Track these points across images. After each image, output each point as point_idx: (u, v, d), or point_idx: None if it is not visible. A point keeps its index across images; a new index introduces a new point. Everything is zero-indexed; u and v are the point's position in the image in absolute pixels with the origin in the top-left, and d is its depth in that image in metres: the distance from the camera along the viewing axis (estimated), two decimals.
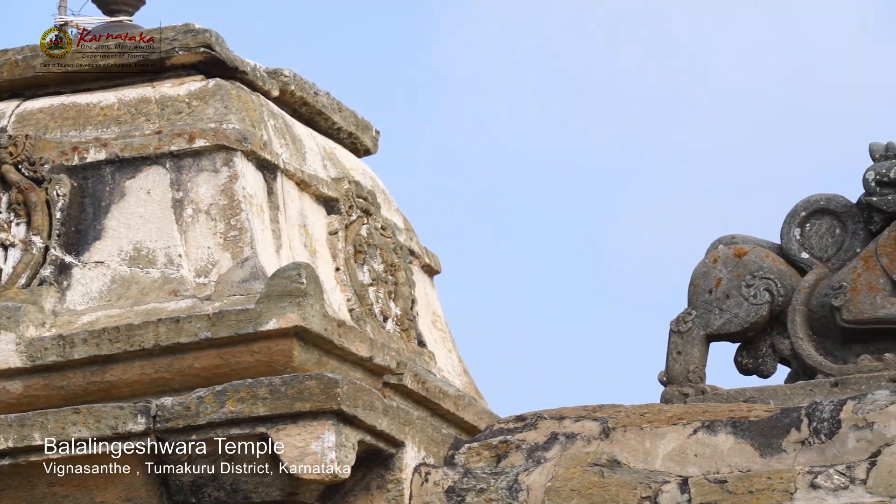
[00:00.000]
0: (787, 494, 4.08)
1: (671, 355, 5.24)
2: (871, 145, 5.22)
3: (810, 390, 4.92)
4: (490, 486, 4.47)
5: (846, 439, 4.17)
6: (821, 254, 5.29)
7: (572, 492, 4.32)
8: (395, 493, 4.60)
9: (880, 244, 5.09)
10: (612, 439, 4.49)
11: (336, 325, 4.65)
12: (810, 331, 5.14)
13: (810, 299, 5.15)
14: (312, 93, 5.51)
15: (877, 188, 5.12)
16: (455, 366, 5.67)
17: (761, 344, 5.26)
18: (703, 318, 5.24)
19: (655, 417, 4.54)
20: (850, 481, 4.04)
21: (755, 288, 5.16)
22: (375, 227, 5.38)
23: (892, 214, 5.11)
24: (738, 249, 5.31)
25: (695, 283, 5.34)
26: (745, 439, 4.32)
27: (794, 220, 5.32)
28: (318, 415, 4.34)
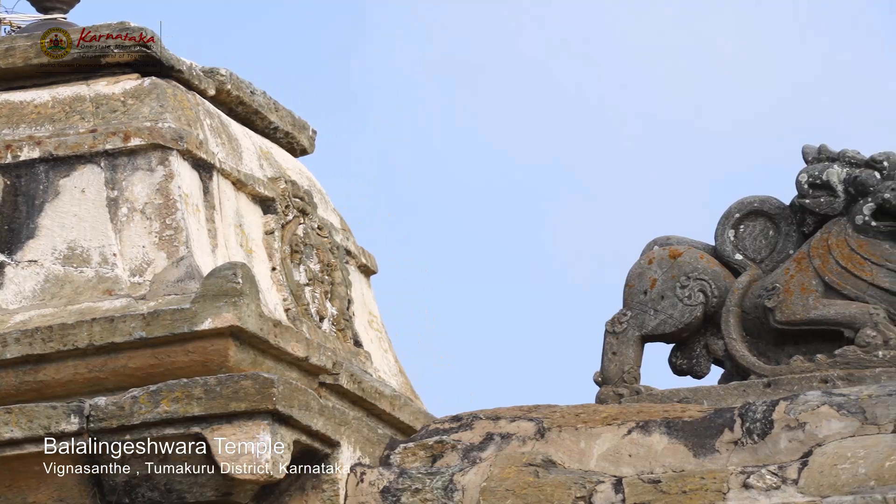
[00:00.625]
0: (720, 494, 4.11)
1: (606, 356, 5.26)
2: (804, 148, 5.26)
3: (743, 391, 4.94)
4: (425, 486, 4.48)
5: (778, 439, 4.20)
6: (754, 255, 5.33)
7: (507, 492, 4.33)
8: (330, 494, 4.59)
9: (813, 246, 5.13)
10: (548, 439, 4.50)
11: (272, 325, 4.63)
12: (744, 332, 5.17)
13: (744, 300, 5.19)
14: (249, 92, 5.49)
15: (809, 190, 5.16)
16: (391, 366, 5.67)
17: (695, 345, 5.29)
18: (637, 319, 5.26)
19: (590, 418, 4.56)
20: (781, 481, 4.07)
21: (689, 289, 5.19)
22: (312, 227, 5.36)
23: (824, 216, 5.16)
24: (672, 251, 5.34)
25: (630, 283, 5.36)
26: (678, 439, 4.35)
27: (728, 221, 5.35)
28: (254, 415, 4.33)
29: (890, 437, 4.05)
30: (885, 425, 4.12)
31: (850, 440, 4.11)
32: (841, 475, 4.00)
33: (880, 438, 4.07)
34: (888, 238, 5.02)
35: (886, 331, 4.85)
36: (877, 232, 5.02)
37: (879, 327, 4.86)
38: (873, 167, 5.08)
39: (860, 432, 4.13)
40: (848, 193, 5.10)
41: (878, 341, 4.83)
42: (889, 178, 5.04)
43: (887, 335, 4.84)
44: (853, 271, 5.00)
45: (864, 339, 4.84)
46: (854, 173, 5.09)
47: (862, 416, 4.16)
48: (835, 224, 5.12)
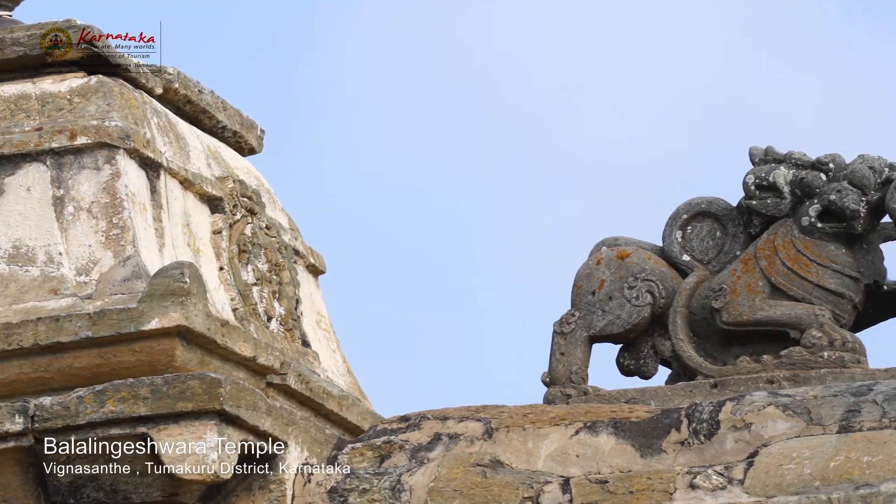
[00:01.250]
0: (667, 495, 4.12)
1: (554, 356, 5.26)
2: (751, 149, 5.29)
3: (690, 391, 4.96)
4: (373, 486, 4.47)
5: (725, 440, 4.22)
6: (702, 256, 5.35)
7: (455, 492, 4.32)
8: (277, 494, 4.58)
9: (759, 247, 5.16)
10: (496, 440, 4.50)
11: (219, 325, 4.61)
12: (691, 332, 5.19)
13: (691, 301, 5.21)
14: (197, 91, 5.46)
15: (756, 192, 5.18)
16: (339, 366, 5.65)
17: (643, 345, 5.30)
18: (585, 320, 5.27)
19: (538, 418, 4.56)
20: (727, 481, 4.09)
21: (637, 290, 5.21)
22: (260, 227, 5.34)
23: (770, 218, 5.19)
24: (620, 251, 5.35)
25: (578, 284, 5.37)
26: (626, 440, 4.36)
27: (676, 222, 5.37)
28: (201, 415, 4.31)
29: (835, 437, 4.08)
30: (829, 426, 4.14)
31: (795, 440, 4.14)
32: (786, 475, 4.03)
33: (825, 439, 4.10)
34: (834, 239, 5.06)
35: (832, 332, 4.88)
36: (822, 233, 5.05)
37: (825, 328, 4.89)
38: (819, 169, 5.12)
39: (805, 433, 4.15)
40: (794, 195, 5.13)
41: (824, 342, 4.86)
42: (835, 179, 5.07)
43: (832, 336, 4.87)
44: (799, 272, 5.03)
45: (810, 339, 4.87)
46: (800, 175, 5.12)
47: (807, 417, 4.19)
48: (781, 225, 5.15)
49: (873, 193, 5.05)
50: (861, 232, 5.07)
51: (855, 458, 3.97)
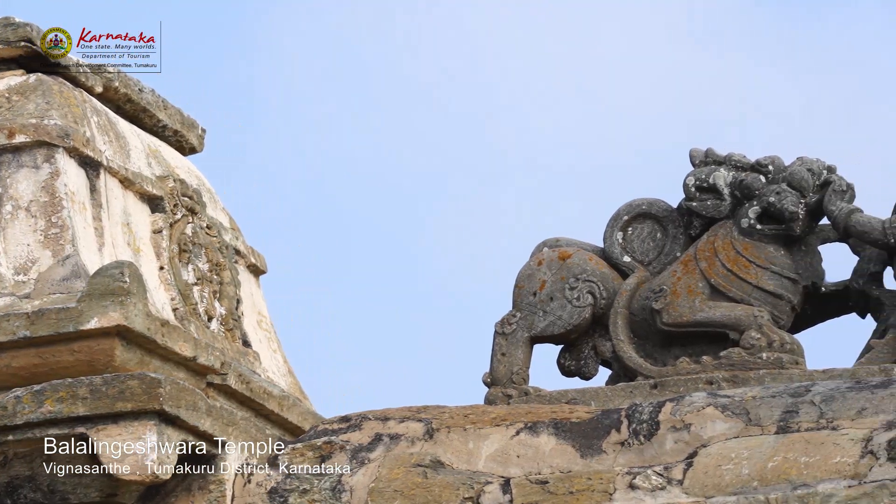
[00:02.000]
0: (607, 495, 4.14)
1: (495, 357, 5.27)
2: (692, 151, 5.32)
3: (630, 392, 4.99)
4: (313, 486, 4.46)
5: (664, 440, 4.24)
6: (642, 257, 5.38)
7: (395, 492, 4.32)
8: (216, 495, 4.56)
9: (699, 248, 5.19)
10: (436, 440, 4.50)
11: (159, 325, 4.59)
12: (631, 333, 5.21)
13: (632, 302, 5.23)
14: (137, 90, 5.43)
15: (696, 193, 5.22)
16: (280, 366, 5.64)
17: (583, 346, 5.32)
18: (527, 320, 5.28)
19: (479, 419, 4.56)
20: (667, 482, 4.11)
21: (578, 290, 5.22)
22: (201, 226, 5.31)
23: (710, 219, 5.22)
24: (562, 252, 5.37)
25: (519, 285, 5.38)
26: (566, 440, 4.36)
27: (617, 223, 5.40)
28: (140, 415, 4.28)
29: (773, 437, 4.10)
30: (768, 426, 4.16)
31: (734, 441, 4.16)
32: (725, 476, 4.04)
33: (763, 439, 4.12)
34: (773, 241, 5.10)
35: (770, 333, 4.92)
36: (762, 235, 5.09)
37: (763, 329, 4.92)
38: (759, 171, 5.15)
39: (744, 433, 4.17)
40: (734, 197, 5.17)
41: (762, 343, 4.89)
42: (774, 181, 5.11)
43: (771, 337, 4.90)
44: (738, 274, 5.06)
45: (749, 341, 4.91)
46: (740, 177, 5.16)
47: (746, 418, 4.21)
48: (721, 227, 5.18)
49: (812, 195, 5.09)
50: (800, 234, 5.11)
51: (793, 458, 4.00)
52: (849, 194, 5.12)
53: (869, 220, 4.97)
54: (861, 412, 4.10)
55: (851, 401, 4.16)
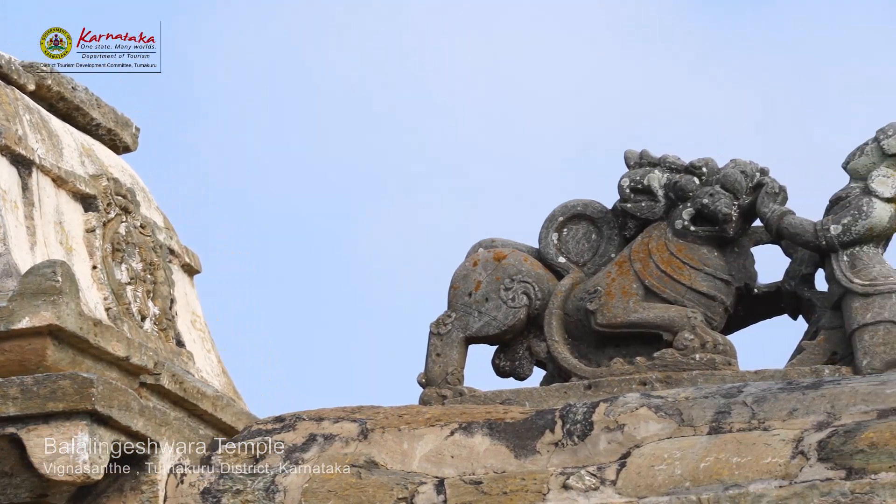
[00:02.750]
0: (540, 495, 4.14)
1: (430, 357, 5.27)
2: (626, 153, 5.34)
3: (565, 393, 4.99)
4: (247, 487, 4.44)
5: (598, 441, 4.25)
6: (577, 258, 5.39)
7: (329, 493, 4.31)
8: (149, 495, 4.53)
9: (634, 249, 5.21)
10: (371, 440, 4.49)
11: (92, 324, 4.55)
12: (566, 334, 5.22)
13: (566, 303, 5.24)
14: (70, 88, 5.38)
15: (631, 195, 5.24)
16: (214, 366, 5.61)
17: (518, 346, 5.33)
18: (462, 321, 5.28)
19: (413, 419, 4.56)
20: (600, 482, 4.12)
21: (513, 291, 5.23)
22: (134, 226, 5.27)
23: (645, 220, 5.25)
24: (497, 253, 5.37)
25: (455, 285, 5.38)
26: (500, 441, 4.37)
27: (552, 224, 5.41)
28: (72, 415, 4.25)
29: (705, 438, 4.13)
30: (700, 427, 4.19)
31: (667, 441, 4.18)
32: (657, 476, 4.06)
33: (696, 440, 4.14)
34: (706, 243, 5.13)
35: (703, 334, 4.95)
36: (695, 237, 5.11)
37: (697, 331, 4.95)
38: (693, 173, 5.18)
39: (677, 434, 4.20)
40: (668, 198, 5.19)
41: (696, 344, 4.92)
42: (707, 183, 5.14)
43: (704, 338, 4.93)
44: (672, 275, 5.09)
45: (682, 342, 4.93)
46: (674, 179, 5.18)
47: (679, 418, 4.23)
48: (655, 228, 5.21)
49: (745, 197, 5.13)
50: (733, 235, 5.14)
51: (725, 458, 4.03)
52: (781, 196, 5.16)
53: (801, 222, 5.01)
54: (792, 413, 4.14)
55: (783, 402, 4.19)
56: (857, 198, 4.94)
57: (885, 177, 4.91)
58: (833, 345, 4.95)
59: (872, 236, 4.89)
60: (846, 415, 4.06)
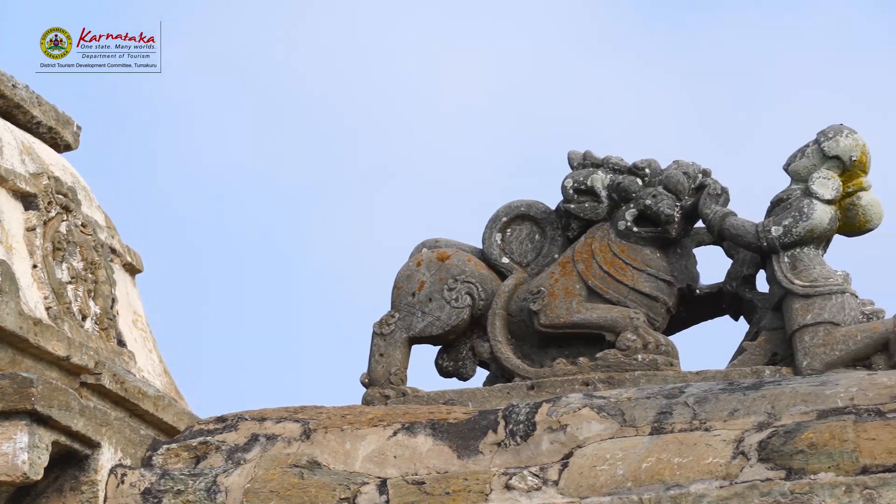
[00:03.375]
0: (483, 495, 4.14)
1: (374, 357, 5.26)
2: (570, 154, 5.35)
3: (508, 393, 5.00)
4: (188, 487, 4.41)
5: (541, 441, 4.26)
6: (521, 259, 5.40)
7: (271, 493, 4.29)
8: (89, 496, 4.51)
9: (577, 250, 5.22)
10: (313, 441, 4.48)
11: (32, 324, 4.52)
12: (509, 334, 5.23)
13: (510, 303, 5.25)
14: (10, 85, 5.33)
15: (574, 195, 5.25)
16: (155, 366, 5.58)
17: (462, 347, 5.33)
18: (405, 321, 5.28)
19: (356, 419, 4.55)
20: (543, 482, 4.13)
21: (457, 291, 5.23)
22: (75, 225, 5.24)
23: (588, 221, 5.26)
24: (441, 253, 5.37)
25: (398, 286, 5.37)
26: (443, 441, 4.37)
27: (496, 225, 5.41)
28: (11, 415, 4.23)
29: (647, 438, 4.15)
30: (642, 427, 4.21)
31: (609, 442, 4.19)
32: (600, 476, 4.08)
33: (638, 440, 4.16)
34: (649, 244, 5.15)
35: (646, 335, 4.96)
36: (638, 238, 5.13)
37: (639, 331, 4.97)
38: (635, 174, 5.20)
39: (619, 434, 4.21)
40: (611, 199, 5.21)
41: (638, 345, 4.93)
42: (650, 184, 5.16)
43: (646, 339, 4.95)
44: (615, 276, 5.10)
45: (625, 342, 4.95)
46: (617, 180, 5.20)
47: (621, 419, 4.25)
48: (598, 229, 5.22)
49: (687, 199, 5.15)
50: (675, 236, 5.17)
51: (666, 458, 4.04)
52: (723, 198, 5.19)
53: (743, 223, 5.04)
54: (733, 413, 4.16)
55: (724, 402, 4.22)
56: (798, 200, 4.97)
57: (825, 179, 4.95)
58: (774, 346, 4.98)
59: (813, 238, 4.93)
60: (786, 415, 4.09)
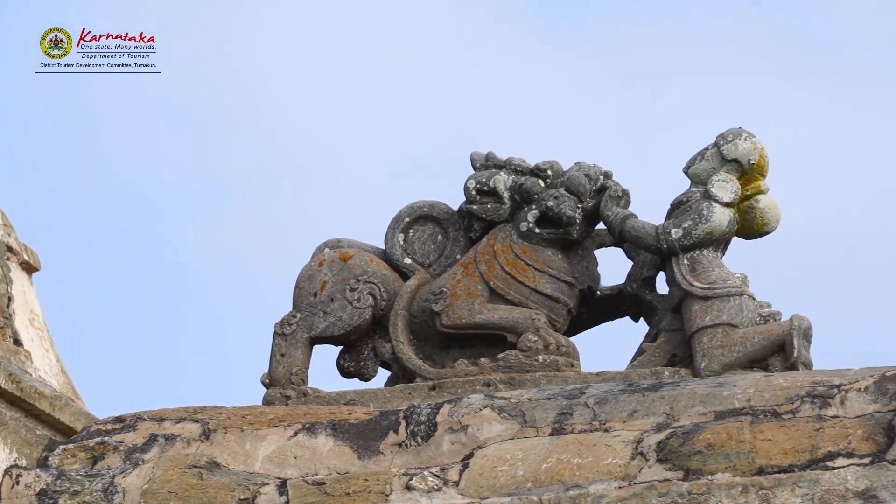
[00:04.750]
0: (383, 496, 4.14)
1: (275, 357, 5.23)
2: (472, 154, 5.36)
3: (409, 394, 5.00)
4: (85, 488, 4.36)
5: (441, 442, 4.26)
6: (423, 259, 5.40)
7: (170, 494, 4.25)
8: None
9: (479, 251, 5.23)
10: (213, 441, 4.45)
11: None
12: (411, 335, 5.23)
13: (412, 304, 5.25)
14: None
15: (477, 196, 5.26)
16: (52, 365, 5.51)
17: (363, 347, 5.32)
18: (307, 321, 5.26)
19: (257, 419, 4.53)
20: (443, 483, 4.13)
21: (359, 292, 5.22)
22: None
23: (491, 222, 5.27)
24: (343, 253, 5.36)
25: (300, 285, 5.35)
26: (344, 441, 4.36)
27: (398, 225, 5.41)
28: None
29: (547, 439, 4.16)
30: (542, 428, 4.22)
31: (509, 442, 4.20)
32: (500, 477, 4.08)
33: (538, 441, 4.17)
34: (550, 245, 5.17)
35: (547, 336, 4.98)
36: (540, 239, 5.16)
37: (540, 332, 4.99)
38: (538, 175, 5.22)
39: (519, 435, 4.22)
40: (514, 200, 5.23)
41: (539, 346, 4.96)
42: (552, 186, 5.19)
43: (547, 340, 4.97)
44: (517, 277, 5.12)
45: (526, 343, 4.97)
46: (519, 181, 5.22)
47: (522, 419, 4.26)
48: (500, 230, 5.24)
49: (589, 200, 5.19)
50: (577, 238, 5.20)
51: (566, 459, 4.06)
52: (624, 200, 5.23)
53: (643, 225, 5.09)
54: (632, 414, 4.19)
55: (623, 403, 4.25)
56: (698, 202, 5.03)
57: (724, 181, 5.00)
58: (673, 347, 5.03)
59: (712, 240, 4.99)
60: (685, 416, 4.12)
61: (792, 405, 4.06)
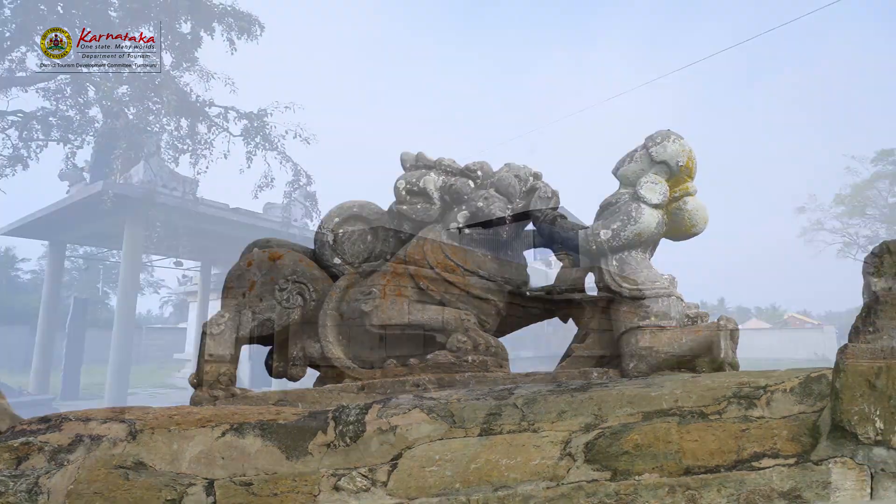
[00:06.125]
0: (311, 497, 4.12)
1: (203, 358, 5.20)
2: (403, 155, 5.36)
3: (338, 394, 4.99)
4: (8, 489, 4.31)
5: (370, 442, 4.25)
6: (353, 259, 5.39)
7: (95, 494, 4.21)
8: None
9: (409, 252, 5.23)
10: (140, 441, 4.42)
11: None
12: (340, 335, 5.22)
13: (341, 304, 5.23)
14: None
15: (407, 197, 5.26)
16: None
17: (292, 347, 5.30)
18: (235, 321, 5.23)
19: (184, 420, 4.50)
20: (371, 483, 4.12)
21: (288, 292, 5.20)
22: None
23: (421, 223, 5.27)
24: (272, 253, 5.34)
25: (229, 285, 5.32)
26: (272, 442, 4.34)
27: (328, 225, 5.39)
28: None
29: (475, 440, 4.17)
30: (471, 428, 4.23)
31: (438, 443, 4.20)
32: (428, 477, 4.08)
33: (467, 441, 4.17)
34: (480, 246, 5.18)
35: (476, 336, 4.99)
36: (470, 239, 5.16)
37: (470, 333, 4.99)
38: (468, 176, 5.23)
39: (448, 435, 4.22)
40: (444, 201, 5.23)
41: (468, 346, 4.96)
42: (482, 187, 5.19)
43: (477, 341, 4.98)
44: (447, 278, 5.12)
45: (455, 343, 4.97)
46: (449, 182, 5.22)
47: (451, 420, 4.26)
48: (430, 231, 5.24)
49: (518, 201, 5.20)
50: (506, 239, 5.20)
51: (495, 460, 4.06)
52: (553, 201, 5.25)
53: (572, 226, 5.10)
54: (561, 415, 4.21)
55: (552, 404, 4.26)
56: (627, 204, 5.05)
57: (653, 183, 5.02)
58: (602, 348, 5.05)
59: (641, 241, 5.01)
60: (613, 417, 4.15)
61: (718, 406, 4.10)
